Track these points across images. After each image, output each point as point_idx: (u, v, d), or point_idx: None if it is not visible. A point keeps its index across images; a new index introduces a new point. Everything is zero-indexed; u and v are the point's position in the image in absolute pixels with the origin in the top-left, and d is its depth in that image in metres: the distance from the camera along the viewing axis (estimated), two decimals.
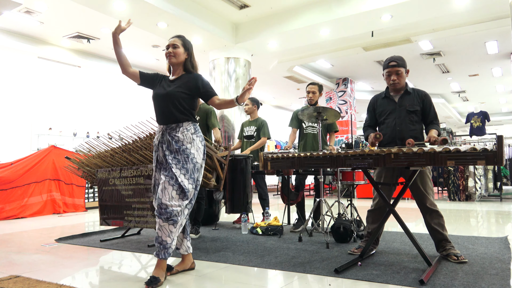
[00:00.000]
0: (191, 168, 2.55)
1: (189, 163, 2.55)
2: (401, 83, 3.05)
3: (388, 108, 3.10)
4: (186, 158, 2.55)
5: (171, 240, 2.50)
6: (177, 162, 2.53)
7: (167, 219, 2.46)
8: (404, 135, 2.98)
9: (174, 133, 2.59)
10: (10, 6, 5.88)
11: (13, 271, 2.80)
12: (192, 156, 2.58)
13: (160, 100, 2.66)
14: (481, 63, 11.43)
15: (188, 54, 2.74)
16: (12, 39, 8.41)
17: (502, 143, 2.12)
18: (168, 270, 2.60)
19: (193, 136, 2.63)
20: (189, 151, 2.57)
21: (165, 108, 2.64)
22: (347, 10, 7.21)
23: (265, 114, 13.15)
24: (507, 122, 20.92)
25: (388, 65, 3.05)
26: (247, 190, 4.54)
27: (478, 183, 8.11)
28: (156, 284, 2.38)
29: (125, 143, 3.93)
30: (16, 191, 6.30)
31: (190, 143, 2.59)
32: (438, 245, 2.96)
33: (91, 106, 10.07)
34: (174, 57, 2.69)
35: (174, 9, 7.01)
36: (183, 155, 2.55)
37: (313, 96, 4.51)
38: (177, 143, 2.57)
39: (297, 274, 2.59)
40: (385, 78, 3.11)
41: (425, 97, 3.06)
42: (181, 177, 2.50)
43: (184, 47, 2.73)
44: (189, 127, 2.63)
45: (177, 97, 2.62)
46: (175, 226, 2.49)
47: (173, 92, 2.62)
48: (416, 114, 3.02)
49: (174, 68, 2.76)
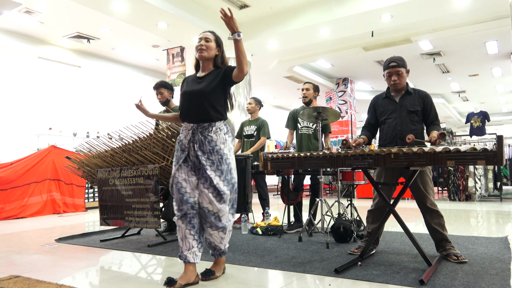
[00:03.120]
0: (225, 169, 2.46)
1: (223, 164, 2.46)
2: (401, 83, 3.05)
3: (389, 108, 3.10)
4: (220, 159, 2.45)
5: (225, 245, 2.55)
6: (212, 164, 2.43)
7: (217, 228, 2.45)
8: (405, 135, 2.97)
9: (207, 133, 2.47)
10: (10, 6, 5.89)
11: (13, 271, 2.80)
12: (226, 157, 2.48)
13: (192, 98, 2.52)
14: (481, 63, 11.43)
15: (219, 50, 2.60)
16: (12, 39, 8.41)
17: (502, 143, 2.12)
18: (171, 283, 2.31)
19: (226, 136, 2.53)
20: (223, 152, 2.47)
21: (197, 106, 2.50)
22: (347, 10, 7.21)
23: (265, 114, 13.14)
24: (507, 122, 20.92)
25: (388, 65, 3.05)
26: (247, 190, 4.54)
27: (478, 183, 8.11)
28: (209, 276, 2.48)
29: (125, 143, 3.93)
30: (16, 191, 6.30)
31: (223, 143, 2.49)
32: (438, 245, 2.96)
33: (91, 106, 10.07)
34: (206, 51, 2.53)
35: (174, 9, 7.01)
36: (217, 156, 2.45)
37: (307, 92, 4.50)
38: (210, 144, 2.46)
39: (297, 274, 2.59)
40: (385, 78, 3.11)
41: (425, 98, 3.06)
42: (216, 179, 2.42)
43: (216, 42, 2.59)
44: (221, 126, 2.53)
45: (211, 94, 2.49)
46: (224, 232, 2.49)
47: (207, 89, 2.49)
48: (417, 114, 3.02)
49: (203, 64, 2.60)
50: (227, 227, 2.49)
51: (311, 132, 4.51)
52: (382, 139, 3.12)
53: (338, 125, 12.54)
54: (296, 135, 4.65)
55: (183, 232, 2.44)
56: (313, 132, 4.50)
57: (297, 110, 4.64)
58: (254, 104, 5.30)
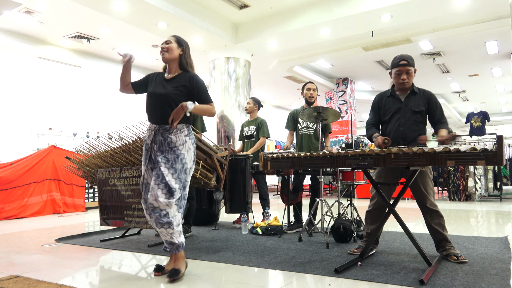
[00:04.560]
0: (179, 168, 2.53)
1: (178, 163, 2.53)
2: (409, 82, 3.03)
3: (393, 107, 3.07)
4: (176, 158, 2.53)
5: (177, 239, 2.51)
6: (166, 161, 2.51)
7: (163, 224, 2.46)
8: (408, 135, 2.97)
9: (167, 134, 2.57)
10: (10, 6, 5.89)
11: (13, 271, 2.80)
12: (182, 156, 2.56)
13: (156, 100, 2.62)
14: (481, 63, 11.43)
15: (182, 50, 2.69)
16: (12, 39, 8.41)
17: (502, 143, 2.12)
18: (159, 270, 2.59)
19: (186, 138, 2.61)
20: (180, 152, 2.55)
21: (160, 109, 2.59)
22: (347, 10, 7.21)
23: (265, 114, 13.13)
24: (507, 122, 20.91)
25: (398, 64, 3.00)
26: (247, 190, 4.54)
27: (478, 183, 8.11)
28: (177, 275, 2.45)
29: (125, 143, 3.92)
30: (16, 191, 6.30)
31: (182, 144, 2.57)
32: (438, 245, 2.96)
33: (91, 106, 10.07)
34: (167, 52, 2.64)
35: (174, 9, 7.02)
36: (173, 155, 2.53)
37: (314, 93, 4.52)
38: (169, 145, 2.55)
39: (297, 274, 2.59)
40: (393, 76, 3.06)
41: (430, 97, 3.04)
42: (168, 176, 2.47)
43: (177, 43, 2.68)
44: (182, 129, 2.61)
45: (174, 99, 2.58)
46: (172, 228, 2.48)
47: (171, 93, 2.59)
48: (421, 115, 3.01)
49: (169, 66, 2.71)
50: (172, 222, 2.48)
51: (312, 132, 4.50)
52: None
53: (338, 125, 12.55)
54: (297, 135, 4.64)
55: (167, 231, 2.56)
56: (313, 132, 4.49)
57: (297, 111, 4.64)
58: (252, 104, 5.30)
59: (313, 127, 4.50)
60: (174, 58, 2.67)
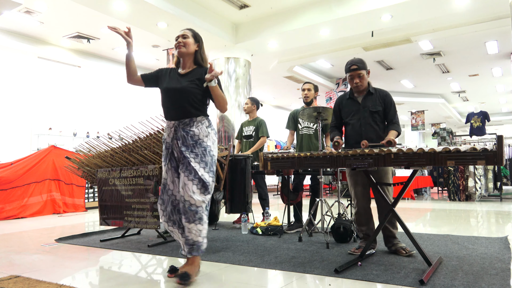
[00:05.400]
0: (209, 161, 2.50)
1: (207, 155, 2.49)
2: (363, 85, 3.17)
3: (352, 109, 3.21)
4: (204, 151, 2.49)
5: (202, 239, 2.48)
6: (195, 156, 2.46)
7: (194, 220, 2.42)
8: (368, 135, 3.08)
9: (189, 128, 2.51)
10: (10, 6, 5.89)
11: (13, 271, 2.80)
12: (209, 149, 2.52)
13: (173, 95, 2.55)
14: (481, 63, 11.43)
15: (198, 46, 2.63)
16: (12, 39, 8.42)
17: (502, 143, 2.12)
18: (173, 272, 2.52)
19: (208, 129, 2.56)
20: (206, 144, 2.51)
21: (178, 104, 2.53)
22: (347, 10, 7.21)
23: (265, 114, 13.15)
24: (507, 122, 20.92)
25: (349, 69, 3.15)
26: (247, 190, 4.54)
27: (478, 183, 8.11)
28: (187, 280, 2.33)
29: (125, 143, 3.93)
30: (16, 191, 6.30)
31: (206, 136, 2.52)
32: (386, 241, 3.16)
33: (91, 106, 10.08)
34: (184, 47, 2.58)
35: (174, 9, 7.02)
36: (200, 148, 2.48)
37: (308, 93, 4.53)
38: (192, 138, 2.49)
39: (297, 274, 2.59)
40: (348, 81, 3.22)
41: (386, 97, 3.18)
42: (200, 170, 2.43)
43: (194, 38, 2.63)
44: (203, 120, 2.56)
45: (192, 93, 2.52)
46: (202, 224, 2.46)
47: (187, 87, 2.52)
48: (379, 114, 3.14)
49: (184, 61, 2.65)
50: (203, 217, 2.48)
51: (312, 132, 4.50)
52: (348, 139, 3.23)
53: None
54: (297, 135, 4.65)
55: (176, 235, 2.57)
56: (314, 132, 4.50)
57: (297, 111, 4.64)
58: (250, 104, 5.29)
59: (313, 127, 4.50)
60: (190, 53, 2.62)
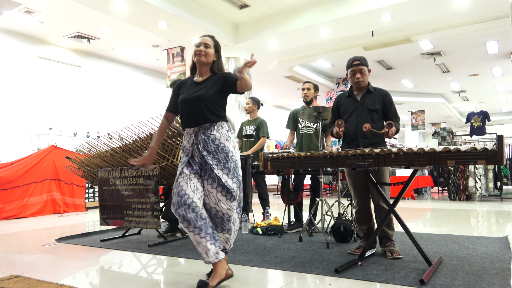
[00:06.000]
0: (232, 166, 2.41)
1: (230, 161, 2.40)
2: (364, 81, 3.18)
3: (350, 106, 3.22)
4: (226, 157, 2.40)
5: (229, 245, 2.45)
6: (218, 163, 2.38)
7: (221, 228, 2.38)
8: (366, 133, 3.07)
9: (209, 132, 2.43)
10: (10, 6, 5.89)
11: (13, 271, 2.80)
12: (231, 154, 2.43)
13: (191, 103, 2.47)
14: (482, 62, 11.43)
15: (217, 56, 2.57)
16: (12, 39, 8.42)
17: (502, 142, 2.12)
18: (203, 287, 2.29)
19: (229, 133, 2.48)
20: (228, 149, 2.42)
21: (197, 111, 2.45)
22: (347, 10, 7.21)
23: (265, 114, 13.16)
24: (508, 121, 20.91)
25: (352, 64, 3.18)
26: (247, 190, 4.54)
27: (479, 183, 8.10)
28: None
29: (125, 143, 3.93)
30: (16, 191, 6.30)
31: (227, 140, 2.44)
32: (380, 242, 3.14)
33: (91, 106, 10.07)
34: (205, 56, 2.50)
35: (174, 9, 7.02)
36: (222, 153, 2.40)
37: (308, 92, 4.53)
38: (214, 142, 2.41)
39: (297, 274, 2.59)
40: (349, 77, 3.24)
41: (386, 96, 3.19)
42: (224, 177, 2.36)
43: (215, 48, 2.56)
44: (223, 124, 2.48)
45: (210, 99, 2.45)
46: (229, 233, 2.41)
47: (205, 94, 2.45)
48: (377, 113, 3.15)
49: (201, 68, 2.56)
50: (232, 228, 2.42)
51: (312, 132, 4.51)
52: (345, 136, 3.22)
53: None
54: (297, 135, 4.65)
55: (194, 239, 2.31)
56: (314, 131, 4.50)
57: (297, 110, 4.65)
58: (251, 104, 5.29)
59: (314, 127, 4.50)
60: (209, 63, 2.56)
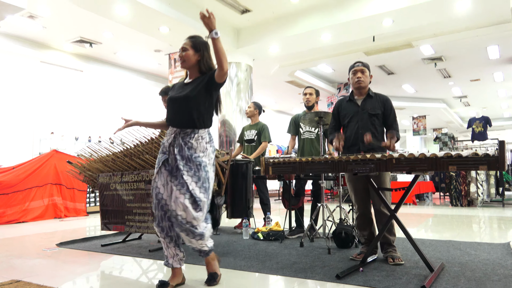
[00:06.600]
0: (203, 176, 2.43)
1: (202, 170, 2.43)
2: (365, 82, 3.18)
3: (351, 111, 3.21)
4: (198, 166, 2.43)
5: (206, 246, 2.49)
6: (189, 169, 2.41)
7: (194, 237, 2.41)
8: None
9: (188, 139, 2.46)
10: (13, 11, 5.91)
11: (14, 275, 2.79)
12: (204, 164, 2.45)
13: (176, 103, 2.53)
14: (483, 68, 11.43)
15: (200, 55, 2.55)
16: (15, 44, 8.46)
17: (504, 148, 2.11)
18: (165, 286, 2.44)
19: (207, 145, 2.51)
20: (201, 159, 2.45)
21: (181, 111, 2.50)
22: (349, 15, 7.24)
23: (266, 118, 13.17)
24: (509, 127, 20.88)
25: (354, 65, 3.23)
26: (249, 195, 4.53)
27: (480, 189, 8.08)
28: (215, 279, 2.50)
29: (126, 147, 3.93)
30: (17, 195, 6.31)
31: (203, 151, 2.47)
32: (382, 247, 3.13)
33: (93, 111, 10.10)
34: (184, 62, 2.55)
35: (176, 14, 7.05)
36: (195, 162, 2.42)
37: (310, 97, 4.53)
38: (189, 150, 2.44)
39: (298, 279, 2.58)
40: (350, 78, 3.25)
41: (386, 102, 3.19)
42: (192, 184, 2.38)
43: (194, 48, 2.55)
44: (204, 135, 2.51)
45: (195, 99, 2.49)
46: (203, 239, 2.44)
47: (189, 94, 2.50)
48: (378, 118, 3.14)
49: (190, 72, 2.63)
50: (204, 233, 2.44)
51: (314, 137, 4.51)
52: (346, 141, 3.21)
53: None
54: (299, 140, 4.65)
55: (164, 244, 2.53)
56: (315, 136, 4.50)
57: (299, 115, 4.65)
58: (253, 108, 5.30)
59: (315, 132, 4.50)
60: (192, 65, 2.58)
